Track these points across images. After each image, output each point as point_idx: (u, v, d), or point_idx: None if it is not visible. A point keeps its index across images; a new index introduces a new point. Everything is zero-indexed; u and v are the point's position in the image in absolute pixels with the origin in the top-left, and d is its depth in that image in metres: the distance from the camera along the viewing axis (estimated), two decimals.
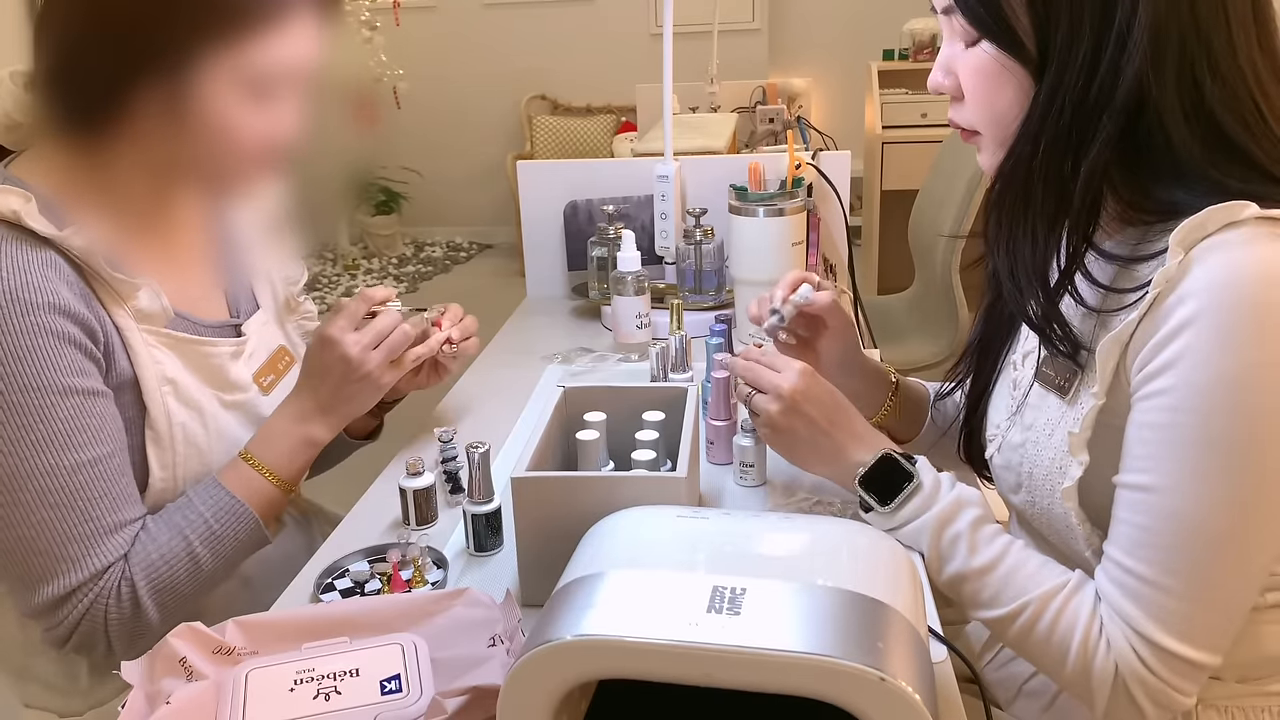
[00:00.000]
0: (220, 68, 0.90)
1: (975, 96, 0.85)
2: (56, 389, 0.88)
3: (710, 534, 0.70)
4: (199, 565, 0.97)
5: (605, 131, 5.31)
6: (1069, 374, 0.86)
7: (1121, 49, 0.76)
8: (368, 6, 4.60)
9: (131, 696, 0.73)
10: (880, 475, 0.92)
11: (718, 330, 1.22)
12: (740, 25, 5.17)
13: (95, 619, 0.92)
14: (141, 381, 0.95)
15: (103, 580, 0.91)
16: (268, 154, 0.99)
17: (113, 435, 0.93)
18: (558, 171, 1.88)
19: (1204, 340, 0.72)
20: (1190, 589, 0.75)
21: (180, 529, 0.96)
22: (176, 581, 0.95)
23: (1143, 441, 0.76)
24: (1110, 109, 0.76)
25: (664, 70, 1.63)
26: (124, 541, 0.93)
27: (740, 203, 1.44)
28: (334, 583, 0.95)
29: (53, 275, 0.89)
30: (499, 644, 0.78)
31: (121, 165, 0.96)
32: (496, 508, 0.99)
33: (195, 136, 0.93)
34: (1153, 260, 0.78)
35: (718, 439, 1.15)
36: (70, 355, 0.89)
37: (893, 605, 0.61)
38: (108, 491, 0.92)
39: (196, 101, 0.91)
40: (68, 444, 0.89)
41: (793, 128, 2.55)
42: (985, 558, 0.85)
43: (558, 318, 1.75)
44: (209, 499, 0.99)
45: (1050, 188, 0.80)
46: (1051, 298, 0.83)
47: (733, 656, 0.56)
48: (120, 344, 0.94)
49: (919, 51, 4.11)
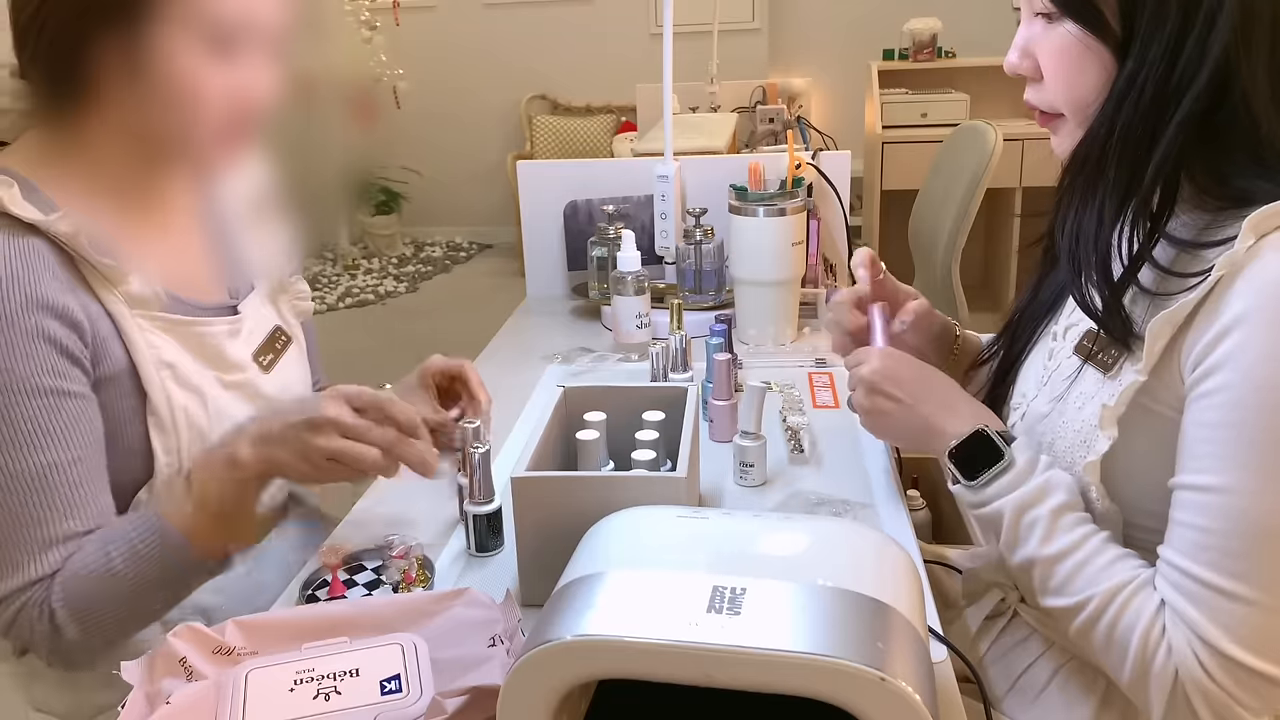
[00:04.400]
0: (175, 19, 0.89)
1: (1057, 78, 0.83)
2: (25, 389, 0.86)
3: (710, 534, 0.70)
4: (116, 579, 0.90)
5: (605, 131, 5.31)
6: (1115, 351, 0.84)
7: (1210, 28, 0.74)
8: (368, 6, 4.60)
9: (131, 696, 0.73)
10: (972, 450, 0.89)
11: (718, 330, 1.22)
12: (740, 25, 5.17)
13: (22, 628, 0.89)
14: (139, 367, 0.94)
15: (29, 593, 0.88)
16: (239, 118, 0.96)
17: (79, 441, 0.90)
18: (558, 171, 1.88)
19: (1264, 336, 0.70)
20: (1259, 595, 0.71)
21: (105, 540, 0.91)
22: (93, 596, 0.89)
23: (1202, 440, 0.74)
24: (1193, 90, 0.75)
25: (664, 70, 1.63)
26: (63, 556, 0.89)
27: (740, 203, 1.44)
28: (315, 594, 0.94)
29: (37, 265, 0.87)
30: (499, 644, 0.78)
31: (97, 140, 0.95)
32: (497, 508, 0.98)
33: (158, 96, 0.91)
34: (1220, 246, 0.75)
35: (718, 417, 1.16)
36: (44, 353, 0.87)
37: (893, 605, 0.61)
38: (62, 499, 0.88)
39: (155, 57, 0.90)
40: (28, 445, 0.86)
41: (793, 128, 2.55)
42: (1059, 545, 0.82)
43: (558, 318, 1.75)
44: (140, 513, 0.93)
45: (1123, 171, 0.79)
46: (1115, 289, 0.81)
47: (733, 656, 0.56)
48: (113, 331, 0.93)
49: (919, 51, 4.11)
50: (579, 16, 5.44)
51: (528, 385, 1.41)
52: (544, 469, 0.92)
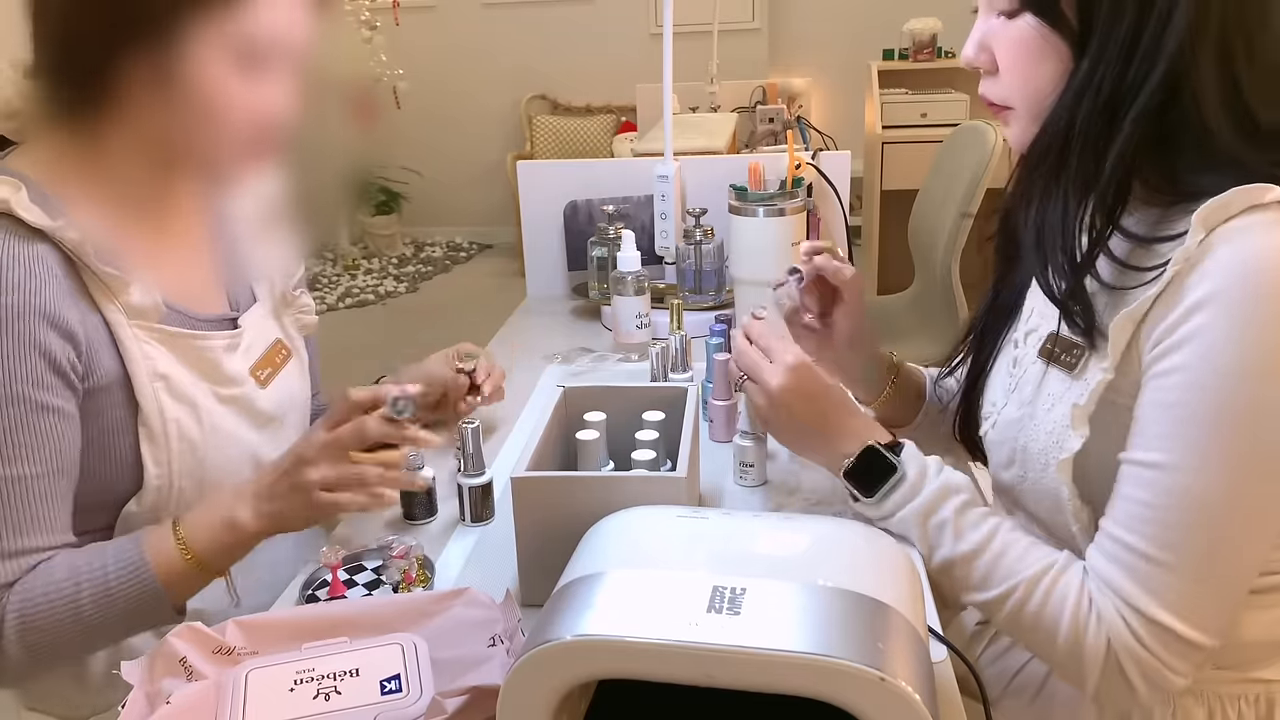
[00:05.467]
0: (208, 35, 0.89)
1: (1013, 70, 0.85)
2: (5, 396, 0.85)
3: (710, 534, 0.70)
4: (80, 615, 0.88)
5: (605, 131, 5.31)
6: (1078, 349, 0.85)
7: (1164, 26, 0.75)
8: (368, 6, 4.60)
9: (131, 696, 0.73)
10: (865, 468, 0.92)
11: (718, 330, 1.22)
12: (740, 25, 5.17)
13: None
14: (132, 378, 0.93)
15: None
16: (260, 133, 0.97)
17: (49, 457, 0.88)
18: (558, 171, 1.88)
19: (1220, 321, 0.72)
20: (1190, 565, 0.75)
21: (77, 571, 0.89)
22: (51, 624, 0.88)
23: (1154, 420, 0.76)
24: (1148, 85, 0.76)
25: (664, 70, 1.63)
26: (15, 570, 0.88)
27: (740, 203, 1.44)
28: (315, 594, 0.94)
29: (42, 272, 0.87)
30: (499, 644, 0.78)
31: (115, 148, 0.95)
32: (489, 480, 1.03)
33: (185, 109, 0.91)
34: (1173, 241, 0.77)
35: (718, 417, 1.16)
36: (34, 364, 0.86)
37: (893, 605, 0.61)
38: (20, 514, 0.87)
39: (185, 71, 0.89)
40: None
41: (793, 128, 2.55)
42: (971, 542, 0.86)
43: (558, 318, 1.75)
44: (118, 549, 0.92)
45: (1085, 160, 0.80)
46: (1078, 271, 0.83)
47: (733, 656, 0.56)
48: (108, 340, 0.92)
49: (919, 51, 4.11)
50: (579, 16, 5.44)
51: (528, 385, 1.41)
52: (544, 469, 0.92)
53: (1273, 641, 0.86)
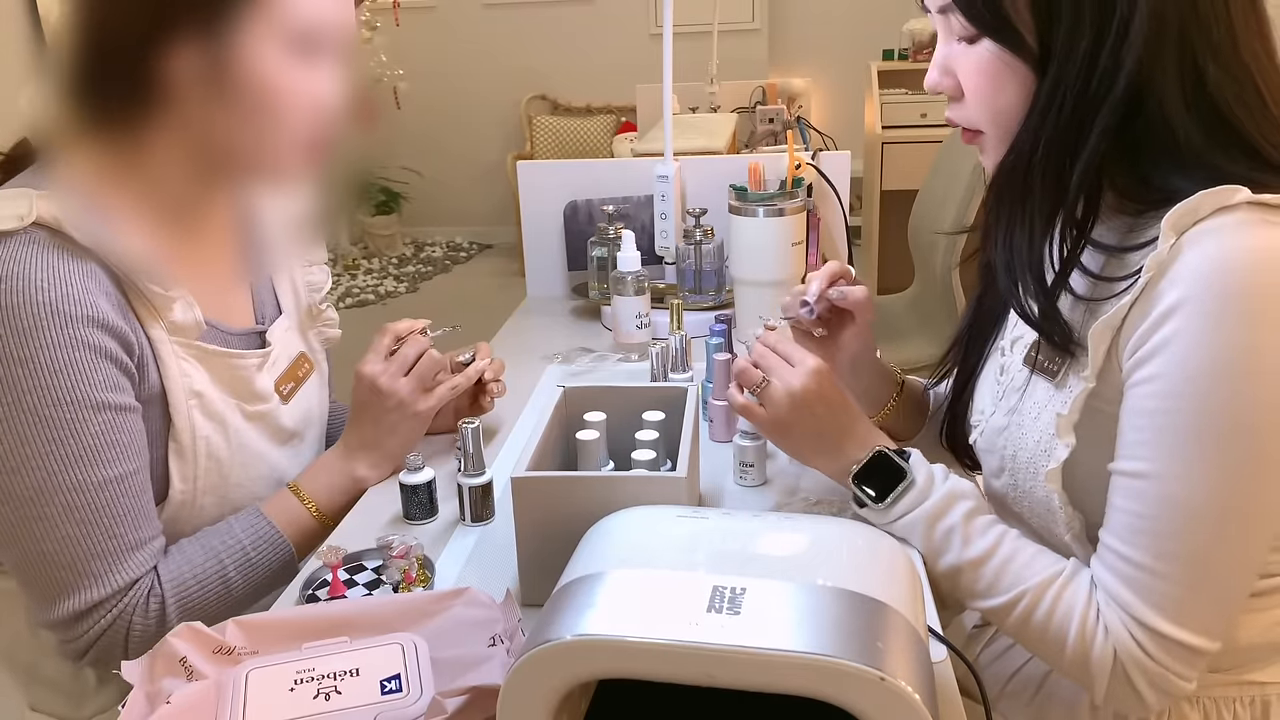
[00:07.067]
0: (258, 21, 0.86)
1: (977, 95, 0.85)
2: (90, 404, 0.87)
3: (710, 534, 0.70)
4: (230, 589, 0.97)
5: (605, 131, 5.31)
6: (1059, 359, 0.86)
7: (1123, 40, 0.76)
8: (368, 6, 4.60)
9: (131, 696, 0.73)
10: (874, 472, 0.92)
11: (718, 330, 1.22)
12: (740, 25, 5.17)
13: (117, 634, 0.91)
14: (169, 395, 0.94)
15: (128, 596, 0.91)
16: (317, 128, 0.94)
17: (139, 451, 0.92)
18: (558, 171, 1.88)
19: (1194, 325, 0.72)
20: (1186, 574, 0.75)
21: (216, 552, 0.97)
22: (206, 602, 0.95)
23: (1136, 429, 0.77)
24: (1110, 100, 0.76)
25: (664, 70, 1.63)
26: (147, 558, 0.92)
27: (740, 203, 1.44)
28: (316, 594, 0.94)
29: (93, 287, 0.87)
30: (499, 644, 0.78)
31: (159, 157, 0.93)
32: (489, 480, 1.03)
33: (241, 104, 0.88)
34: (1144, 248, 0.77)
35: (718, 417, 1.17)
36: (106, 370, 0.88)
37: (893, 605, 0.61)
38: (132, 508, 0.91)
39: (240, 61, 0.86)
40: (97, 460, 0.87)
41: (793, 128, 2.55)
42: (979, 549, 0.86)
43: (558, 318, 1.75)
44: (249, 526, 1.00)
45: (1049, 182, 0.81)
46: (1049, 294, 0.83)
47: (733, 656, 0.56)
48: (152, 357, 0.93)
49: (919, 51, 4.11)
50: (579, 16, 5.44)
51: (528, 385, 1.41)
52: (544, 469, 0.92)
53: (1268, 644, 0.86)
